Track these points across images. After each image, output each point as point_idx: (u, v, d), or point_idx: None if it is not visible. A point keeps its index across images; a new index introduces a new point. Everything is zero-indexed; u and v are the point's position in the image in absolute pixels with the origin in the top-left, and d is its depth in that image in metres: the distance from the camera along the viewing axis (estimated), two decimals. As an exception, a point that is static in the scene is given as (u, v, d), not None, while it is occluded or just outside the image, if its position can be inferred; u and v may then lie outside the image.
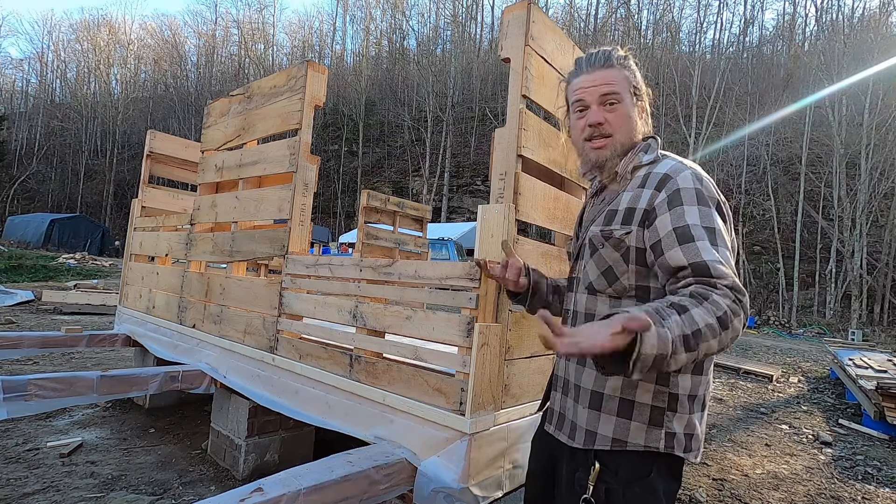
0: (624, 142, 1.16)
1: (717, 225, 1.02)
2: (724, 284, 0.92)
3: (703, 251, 0.97)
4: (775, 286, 19.57)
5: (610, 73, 1.15)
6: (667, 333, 0.82)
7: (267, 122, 2.82)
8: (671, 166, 1.10)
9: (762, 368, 6.99)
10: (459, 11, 38.59)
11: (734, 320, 0.89)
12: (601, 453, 1.08)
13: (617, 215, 1.13)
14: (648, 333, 0.80)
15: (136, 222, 4.22)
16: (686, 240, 0.99)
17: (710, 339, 0.86)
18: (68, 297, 8.65)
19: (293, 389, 2.39)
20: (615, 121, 1.15)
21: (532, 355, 1.98)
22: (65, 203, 37.87)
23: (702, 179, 1.07)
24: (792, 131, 21.92)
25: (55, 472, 2.57)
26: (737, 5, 34.03)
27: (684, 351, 0.84)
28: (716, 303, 0.89)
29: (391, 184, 32.60)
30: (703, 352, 0.86)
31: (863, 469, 3.56)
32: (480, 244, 1.84)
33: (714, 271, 0.94)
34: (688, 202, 1.03)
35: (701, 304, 0.88)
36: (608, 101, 1.15)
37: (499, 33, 1.97)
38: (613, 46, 1.20)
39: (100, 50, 46.91)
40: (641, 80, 1.20)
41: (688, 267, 0.97)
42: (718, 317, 0.87)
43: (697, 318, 0.86)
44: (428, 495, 1.69)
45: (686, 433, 1.07)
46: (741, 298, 0.92)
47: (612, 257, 1.12)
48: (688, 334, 0.84)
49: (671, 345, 0.82)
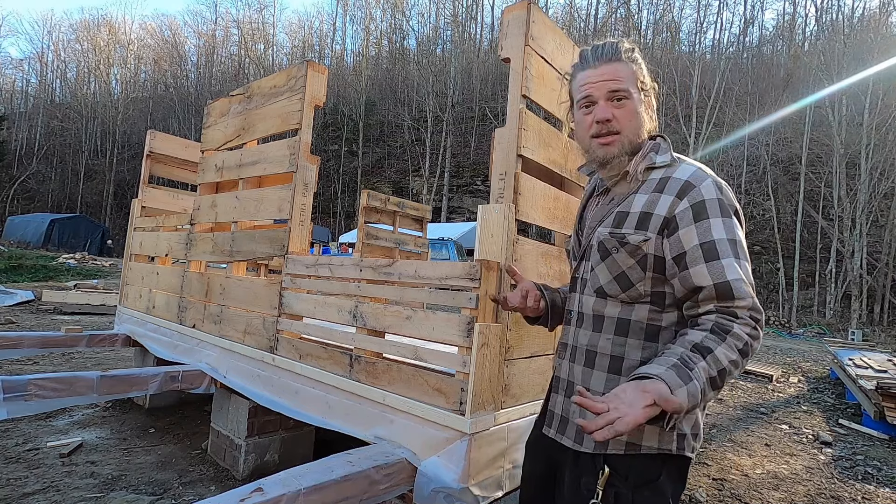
0: (632, 139, 1.12)
1: (738, 236, 1.03)
2: (745, 308, 0.97)
3: (727, 270, 0.98)
4: (775, 286, 19.57)
5: (618, 67, 1.11)
6: (695, 386, 0.90)
7: (267, 122, 2.82)
8: (692, 173, 1.07)
9: (762, 368, 6.99)
10: (459, 11, 38.60)
11: (754, 345, 0.96)
12: (611, 457, 1.06)
13: (629, 218, 1.09)
14: (679, 392, 0.88)
15: (136, 222, 4.22)
16: (711, 257, 1.00)
17: (733, 371, 0.94)
18: (68, 297, 8.65)
19: (293, 389, 2.39)
20: (623, 118, 1.11)
21: (532, 355, 1.98)
22: (65, 203, 37.87)
23: (722, 188, 1.07)
24: (792, 131, 21.92)
25: (55, 472, 2.57)
26: (737, 5, 34.09)
27: (711, 390, 0.93)
28: (738, 336, 0.95)
29: (391, 184, 32.60)
30: (726, 383, 0.95)
31: (863, 469, 3.56)
32: (480, 244, 1.84)
33: (737, 293, 0.97)
34: (713, 214, 1.03)
35: (724, 341, 0.94)
36: (616, 97, 1.11)
37: (499, 33, 1.97)
38: (619, 39, 1.15)
39: (100, 50, 46.91)
40: (648, 73, 1.16)
41: (711, 287, 0.99)
42: (740, 349, 0.94)
43: (721, 357, 0.93)
44: (428, 495, 1.69)
45: (693, 433, 1.08)
46: (759, 320, 0.97)
47: (627, 263, 1.09)
48: (714, 376, 0.92)
49: (700, 394, 0.90)
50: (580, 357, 1.17)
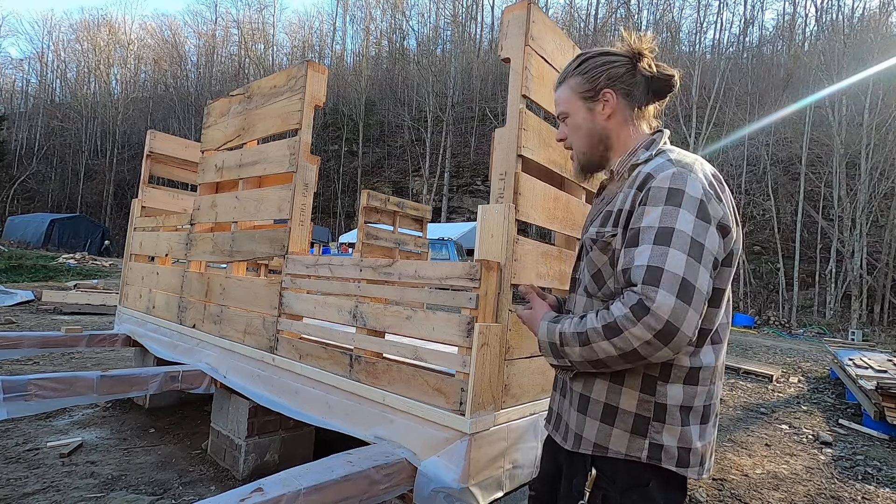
0: (584, 149, 1.21)
1: (677, 224, 0.93)
2: (633, 292, 0.93)
3: (637, 256, 0.95)
4: (775, 286, 19.57)
5: (560, 92, 1.23)
6: (554, 327, 1.07)
7: (267, 122, 2.82)
8: (656, 165, 1.04)
9: (762, 368, 6.99)
10: (459, 11, 38.60)
11: (631, 328, 0.91)
12: (598, 460, 1.06)
13: (612, 216, 1.10)
14: (542, 325, 1.12)
15: (136, 222, 4.22)
16: (631, 244, 0.99)
17: (599, 341, 0.96)
18: (68, 297, 8.65)
19: (293, 389, 2.39)
20: (570, 134, 1.23)
21: (532, 355, 1.98)
22: (65, 203, 37.87)
23: (685, 178, 0.98)
24: (792, 131, 21.92)
25: (55, 472, 2.57)
26: (737, 5, 34.07)
27: (578, 345, 1.01)
28: (609, 312, 0.96)
29: (391, 184, 32.60)
30: (600, 351, 0.97)
31: (863, 469, 3.56)
32: (480, 244, 1.85)
33: (634, 278, 0.94)
34: (653, 202, 0.98)
35: (598, 312, 0.99)
36: (561, 118, 1.25)
37: (499, 33, 1.97)
38: (584, 51, 1.23)
39: (100, 50, 46.91)
40: (603, 74, 1.15)
41: (619, 273, 1.00)
42: (606, 324, 0.95)
43: (588, 322, 1.00)
44: (428, 495, 1.69)
45: (681, 447, 1.01)
46: (646, 305, 0.89)
47: (601, 260, 1.10)
48: (579, 332, 1.01)
49: (559, 336, 1.05)
50: None
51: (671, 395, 1.02)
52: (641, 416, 1.02)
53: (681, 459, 1.01)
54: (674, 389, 1.02)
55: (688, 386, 1.02)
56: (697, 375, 1.03)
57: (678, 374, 1.02)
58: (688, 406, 1.02)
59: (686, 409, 1.02)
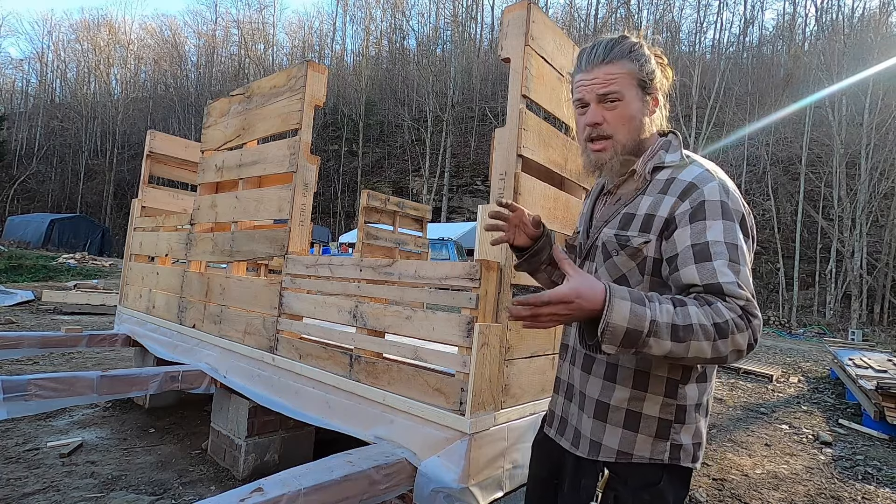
0: (626, 142, 1.09)
1: (738, 241, 0.96)
2: (736, 300, 0.89)
3: (719, 273, 0.92)
4: (775, 286, 19.58)
5: (610, 69, 1.06)
6: (646, 312, 0.84)
7: (267, 122, 2.82)
8: (697, 174, 1.02)
9: (762, 368, 6.99)
10: (459, 11, 38.62)
11: (736, 334, 0.86)
12: (609, 462, 1.06)
13: (634, 220, 1.06)
14: (618, 303, 0.83)
15: (136, 222, 4.22)
16: (703, 258, 0.94)
17: (701, 340, 0.84)
18: (68, 297, 8.65)
19: (293, 389, 2.39)
20: (615, 121, 1.07)
21: (532, 355, 1.98)
22: (65, 203, 37.86)
23: (728, 191, 1.00)
24: (792, 131, 21.92)
25: (55, 472, 2.57)
26: (737, 5, 34.09)
27: (670, 339, 0.84)
28: (719, 310, 0.87)
29: (391, 184, 32.60)
30: (692, 351, 0.85)
31: (863, 469, 3.56)
32: (480, 244, 1.84)
33: (728, 292, 0.90)
34: (711, 216, 0.97)
35: (702, 307, 0.87)
36: (608, 99, 1.07)
37: (499, 33, 1.97)
38: (621, 35, 1.09)
39: (100, 50, 46.91)
40: (656, 67, 1.10)
41: (700, 286, 0.93)
42: (716, 322, 0.85)
43: (693, 315, 0.85)
44: (428, 495, 1.69)
45: (694, 442, 1.05)
46: (751, 317, 0.88)
47: (627, 266, 1.06)
48: (678, 325, 0.84)
49: (649, 324, 0.83)
50: (579, 360, 1.16)
51: (689, 395, 1.04)
52: (665, 420, 1.03)
53: (694, 455, 1.05)
54: (691, 390, 1.04)
55: (699, 384, 1.06)
56: (706, 373, 1.07)
57: (693, 375, 1.04)
58: (699, 403, 1.06)
59: (698, 407, 1.06)
